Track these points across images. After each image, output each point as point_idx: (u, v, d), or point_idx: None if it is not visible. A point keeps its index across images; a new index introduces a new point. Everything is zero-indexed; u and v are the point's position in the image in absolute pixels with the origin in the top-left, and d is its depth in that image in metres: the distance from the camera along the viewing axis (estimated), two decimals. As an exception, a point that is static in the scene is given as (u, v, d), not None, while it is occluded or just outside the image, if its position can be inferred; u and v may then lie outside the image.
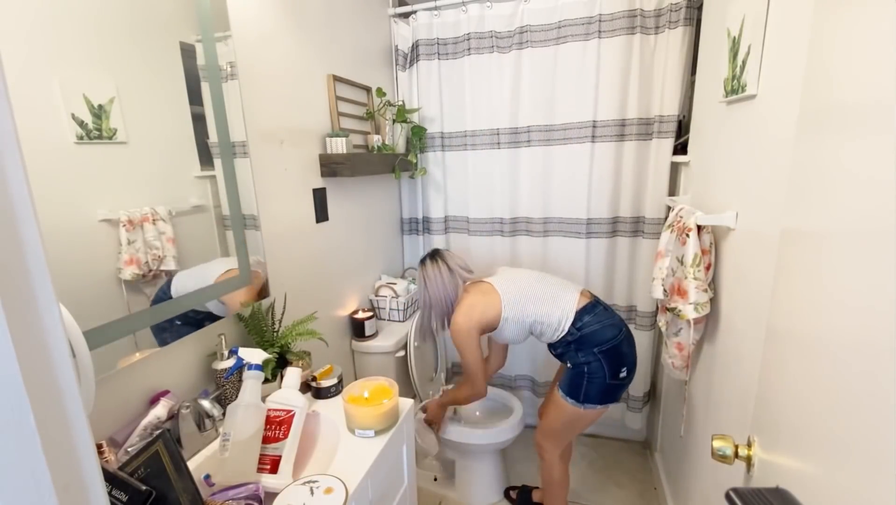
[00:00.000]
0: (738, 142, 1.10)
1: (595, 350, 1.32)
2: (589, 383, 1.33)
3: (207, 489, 0.83)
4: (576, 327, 1.33)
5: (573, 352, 1.35)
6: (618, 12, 1.68)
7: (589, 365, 1.33)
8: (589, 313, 1.35)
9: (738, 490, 0.55)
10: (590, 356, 1.32)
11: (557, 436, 1.47)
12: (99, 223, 0.82)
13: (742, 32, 1.04)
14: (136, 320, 0.89)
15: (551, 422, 1.46)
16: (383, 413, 1.02)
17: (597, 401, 1.35)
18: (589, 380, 1.33)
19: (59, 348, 0.34)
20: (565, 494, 1.55)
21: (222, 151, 1.09)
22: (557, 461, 1.51)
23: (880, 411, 0.39)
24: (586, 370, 1.33)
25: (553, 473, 1.52)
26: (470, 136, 1.97)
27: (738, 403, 1.01)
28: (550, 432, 1.47)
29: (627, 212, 1.85)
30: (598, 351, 1.31)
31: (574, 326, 1.33)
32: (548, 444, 1.49)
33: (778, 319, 0.64)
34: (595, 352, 1.32)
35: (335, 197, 1.62)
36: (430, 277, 1.47)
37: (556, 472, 1.51)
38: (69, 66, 0.76)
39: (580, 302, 1.37)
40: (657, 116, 1.73)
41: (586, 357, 1.33)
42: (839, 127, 0.50)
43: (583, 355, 1.33)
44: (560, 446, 1.49)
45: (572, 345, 1.35)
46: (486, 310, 1.38)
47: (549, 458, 1.50)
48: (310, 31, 1.45)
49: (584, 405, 1.35)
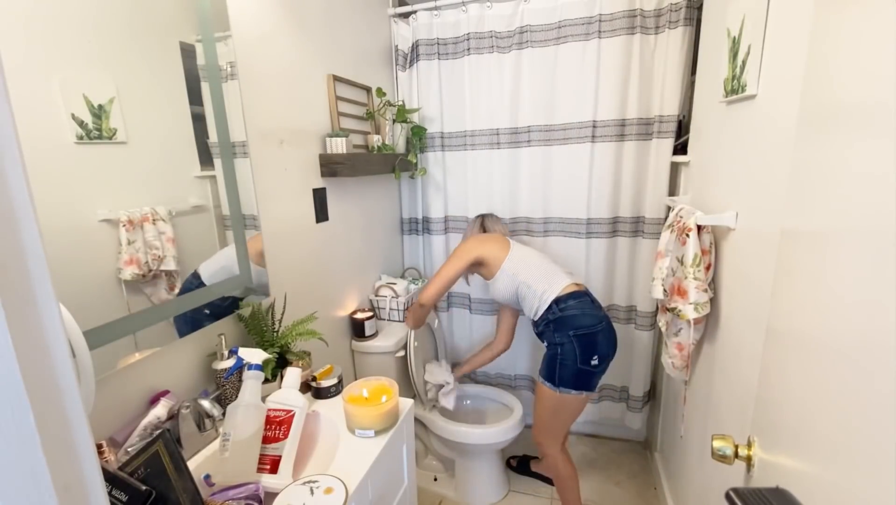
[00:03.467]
0: (738, 142, 1.10)
1: (570, 333, 1.40)
2: (562, 366, 1.41)
3: (207, 489, 0.83)
4: (558, 308, 1.42)
5: (551, 332, 1.44)
6: (618, 12, 1.68)
7: (562, 347, 1.41)
8: (574, 299, 1.44)
9: (738, 490, 0.55)
10: (564, 337, 1.40)
11: (548, 427, 1.51)
12: (99, 223, 0.82)
13: (742, 32, 1.04)
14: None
15: (539, 413, 1.51)
16: (383, 413, 1.02)
17: (571, 385, 1.41)
18: (561, 362, 1.41)
19: (59, 348, 0.33)
20: (577, 486, 1.57)
21: (222, 151, 1.09)
22: (559, 456, 1.53)
23: (880, 411, 0.39)
24: (559, 351, 1.42)
25: (558, 469, 1.54)
26: (470, 136, 1.97)
27: (738, 403, 1.01)
28: (542, 425, 1.52)
29: (627, 212, 1.85)
30: (572, 334, 1.40)
31: (557, 305, 1.42)
32: (544, 438, 1.53)
33: (778, 319, 0.64)
34: (570, 334, 1.40)
35: (335, 197, 1.62)
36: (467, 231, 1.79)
37: (561, 466, 1.54)
38: (69, 66, 0.76)
39: (570, 288, 1.46)
40: (657, 116, 1.73)
41: (561, 338, 1.41)
42: (839, 127, 0.50)
43: (558, 336, 1.42)
44: (557, 439, 1.53)
45: (551, 324, 1.43)
46: (493, 249, 1.55)
47: (551, 452, 1.53)
48: (310, 31, 1.45)
49: (559, 389, 1.42)
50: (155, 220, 0.92)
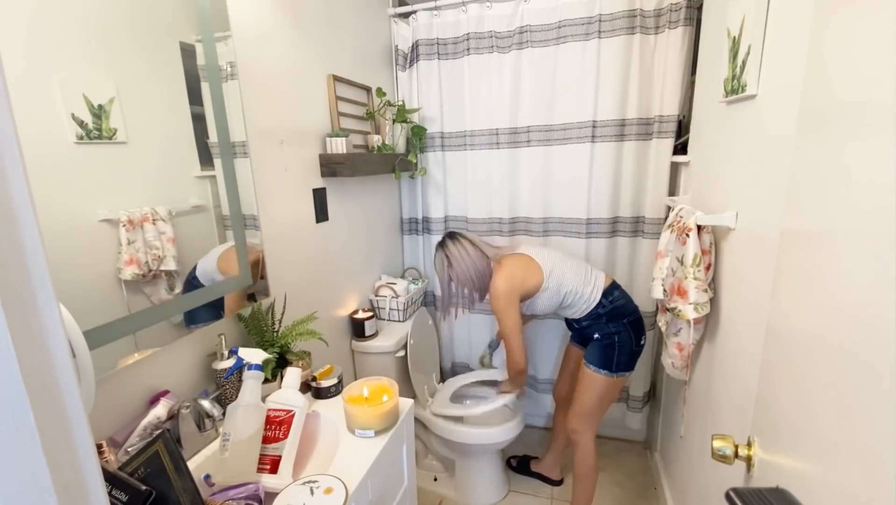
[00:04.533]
0: (738, 142, 1.10)
1: (624, 321, 1.46)
2: (619, 351, 1.45)
3: (207, 489, 0.83)
4: (608, 300, 1.47)
5: (603, 323, 1.47)
6: (618, 12, 1.68)
7: (619, 335, 1.45)
8: (617, 289, 1.51)
9: (738, 490, 0.55)
10: (619, 326, 1.46)
11: (594, 413, 1.52)
12: (99, 223, 0.82)
13: (742, 32, 1.04)
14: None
15: (587, 401, 1.51)
16: (383, 413, 1.02)
17: (626, 368, 1.47)
18: (619, 348, 1.45)
19: (59, 348, 0.34)
20: (596, 481, 1.59)
21: (222, 151, 1.09)
22: (592, 444, 1.55)
23: (880, 411, 0.39)
24: (616, 340, 1.45)
25: (589, 459, 1.55)
26: (470, 136, 1.97)
27: (738, 403, 1.01)
28: (587, 412, 1.52)
29: (627, 212, 1.85)
30: (626, 322, 1.46)
31: (606, 298, 1.46)
32: (584, 425, 1.53)
33: (778, 319, 0.64)
34: (624, 322, 1.46)
35: (335, 197, 1.62)
36: (453, 255, 1.51)
37: (592, 456, 1.55)
38: (69, 66, 0.76)
39: (607, 280, 1.51)
40: (657, 116, 1.73)
41: (616, 327, 1.46)
42: (839, 127, 0.50)
43: (613, 326, 1.46)
44: (595, 425, 1.55)
45: (603, 317, 1.47)
46: (526, 277, 1.46)
47: (586, 441, 1.54)
48: (310, 31, 1.45)
49: (616, 373, 1.46)
50: (155, 220, 0.92)
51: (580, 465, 1.57)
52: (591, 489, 1.58)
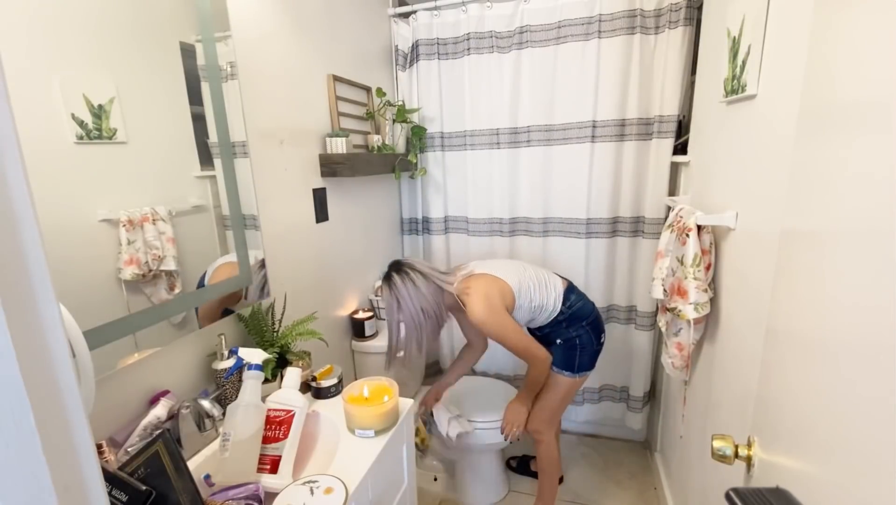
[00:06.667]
0: (738, 142, 1.10)
1: (584, 323, 1.46)
2: (581, 353, 1.47)
3: (207, 489, 0.83)
4: (566, 306, 1.46)
5: (563, 329, 1.47)
6: (618, 12, 1.68)
7: (580, 337, 1.46)
8: (573, 292, 1.49)
9: (738, 490, 0.55)
10: (580, 329, 1.46)
11: (554, 414, 1.55)
12: (99, 223, 0.82)
13: (742, 32, 1.04)
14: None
15: (550, 402, 1.52)
16: (383, 413, 1.02)
17: (587, 367, 1.49)
18: (581, 350, 1.47)
19: (59, 348, 0.34)
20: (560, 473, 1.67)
21: (222, 151, 1.09)
22: (553, 441, 1.59)
23: (880, 411, 0.39)
24: (578, 342, 1.46)
25: (552, 453, 1.58)
26: (470, 136, 1.97)
27: (737, 403, 1.01)
28: (547, 414, 1.54)
29: (627, 212, 1.85)
30: (585, 323, 1.46)
31: (564, 305, 1.46)
32: (544, 426, 1.55)
33: (778, 319, 0.64)
34: (584, 325, 1.46)
35: (335, 197, 1.62)
36: (402, 295, 1.30)
37: (554, 451, 1.59)
38: (69, 66, 0.76)
39: (563, 284, 1.49)
40: (657, 116, 1.73)
41: (577, 331, 1.46)
42: (839, 127, 0.50)
43: (573, 330, 1.46)
44: (554, 425, 1.59)
45: (563, 323, 1.47)
46: (502, 295, 1.36)
47: (547, 439, 1.57)
48: (310, 31, 1.45)
49: (578, 374, 1.48)
50: (155, 220, 0.92)
51: (543, 460, 1.60)
52: (556, 480, 1.63)
